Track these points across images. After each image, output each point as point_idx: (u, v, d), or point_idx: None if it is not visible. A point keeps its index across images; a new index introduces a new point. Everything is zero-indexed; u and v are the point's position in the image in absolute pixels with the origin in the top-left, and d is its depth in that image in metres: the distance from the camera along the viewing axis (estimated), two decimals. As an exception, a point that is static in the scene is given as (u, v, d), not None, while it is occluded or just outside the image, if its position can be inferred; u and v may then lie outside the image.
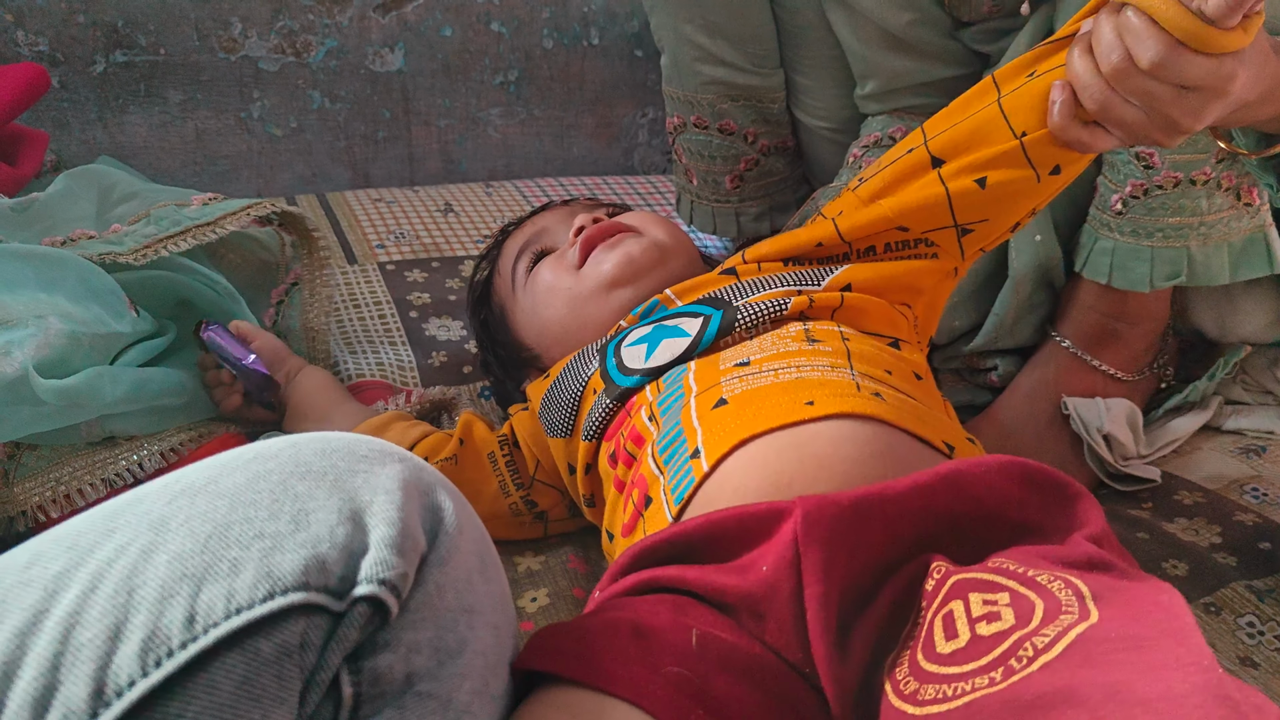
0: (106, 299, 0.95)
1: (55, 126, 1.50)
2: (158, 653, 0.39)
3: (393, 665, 0.43)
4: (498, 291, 1.06)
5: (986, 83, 0.80)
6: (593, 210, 1.04)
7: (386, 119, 1.70)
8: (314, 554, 0.41)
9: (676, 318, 0.83)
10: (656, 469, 0.70)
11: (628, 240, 0.94)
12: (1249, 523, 0.98)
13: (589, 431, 0.81)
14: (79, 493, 0.92)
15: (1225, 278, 1.01)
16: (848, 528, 0.54)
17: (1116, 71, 0.68)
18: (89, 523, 0.44)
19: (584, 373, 0.85)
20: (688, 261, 0.97)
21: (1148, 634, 0.44)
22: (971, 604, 0.49)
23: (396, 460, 0.46)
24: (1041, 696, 0.42)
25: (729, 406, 0.68)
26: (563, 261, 0.96)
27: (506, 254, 1.05)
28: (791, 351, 0.73)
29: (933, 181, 0.81)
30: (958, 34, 1.14)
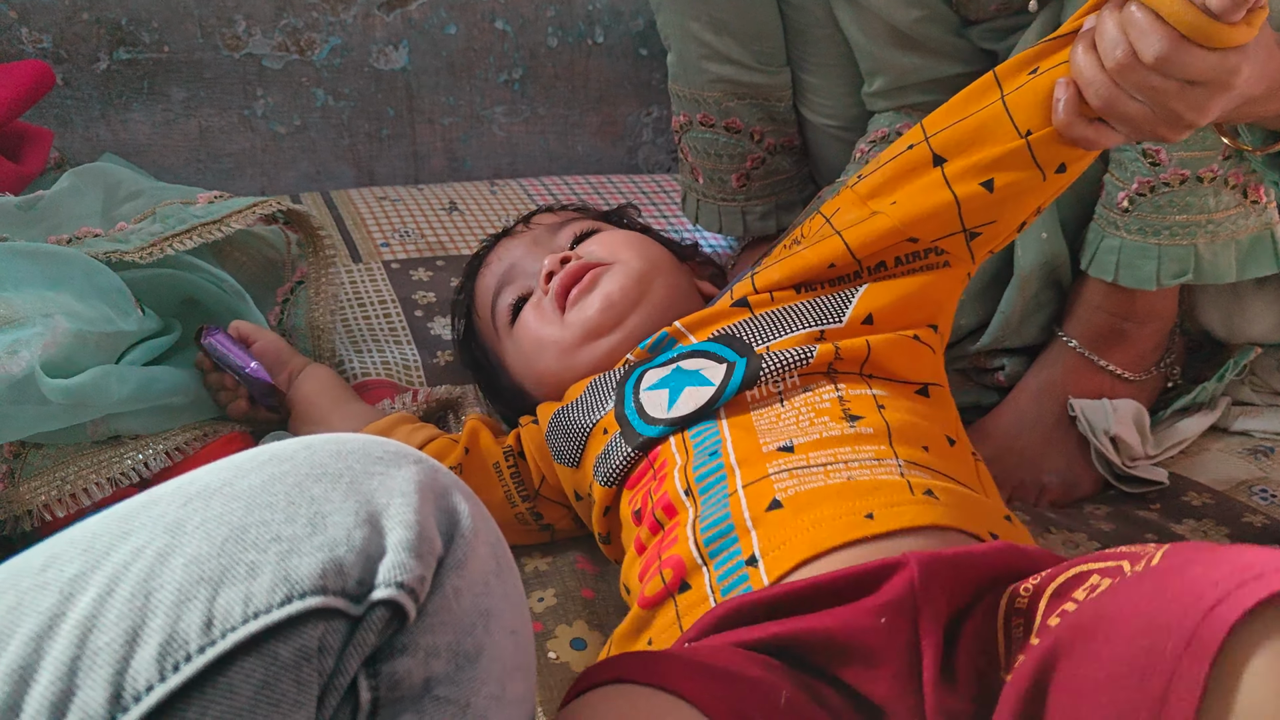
0: (112, 297, 0.95)
1: (59, 124, 1.49)
2: (175, 657, 0.39)
3: (411, 669, 0.42)
4: (482, 335, 1.05)
5: (988, 79, 0.79)
6: (560, 234, 1.01)
7: (391, 117, 1.70)
8: (331, 557, 0.41)
9: (694, 358, 0.81)
10: (699, 558, 0.68)
11: (603, 279, 0.92)
12: (1258, 524, 0.98)
13: (609, 478, 0.79)
14: (85, 491, 0.91)
15: (1232, 276, 1.01)
16: (950, 581, 0.59)
17: (1120, 67, 0.68)
18: (104, 525, 0.44)
19: (597, 409, 0.84)
20: (669, 280, 0.95)
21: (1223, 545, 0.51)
22: (1076, 597, 0.54)
23: (412, 462, 0.46)
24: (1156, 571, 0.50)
25: (785, 511, 0.67)
26: (542, 309, 0.94)
27: (482, 295, 1.04)
28: (834, 438, 0.72)
29: (939, 185, 0.79)
30: (965, 31, 1.13)
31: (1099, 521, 1.00)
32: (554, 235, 1.01)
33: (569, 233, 1.01)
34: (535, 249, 1.00)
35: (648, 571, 0.72)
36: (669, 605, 0.69)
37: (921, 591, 0.58)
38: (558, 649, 0.82)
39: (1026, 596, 0.58)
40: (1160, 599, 0.48)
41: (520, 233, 1.04)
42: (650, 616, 0.70)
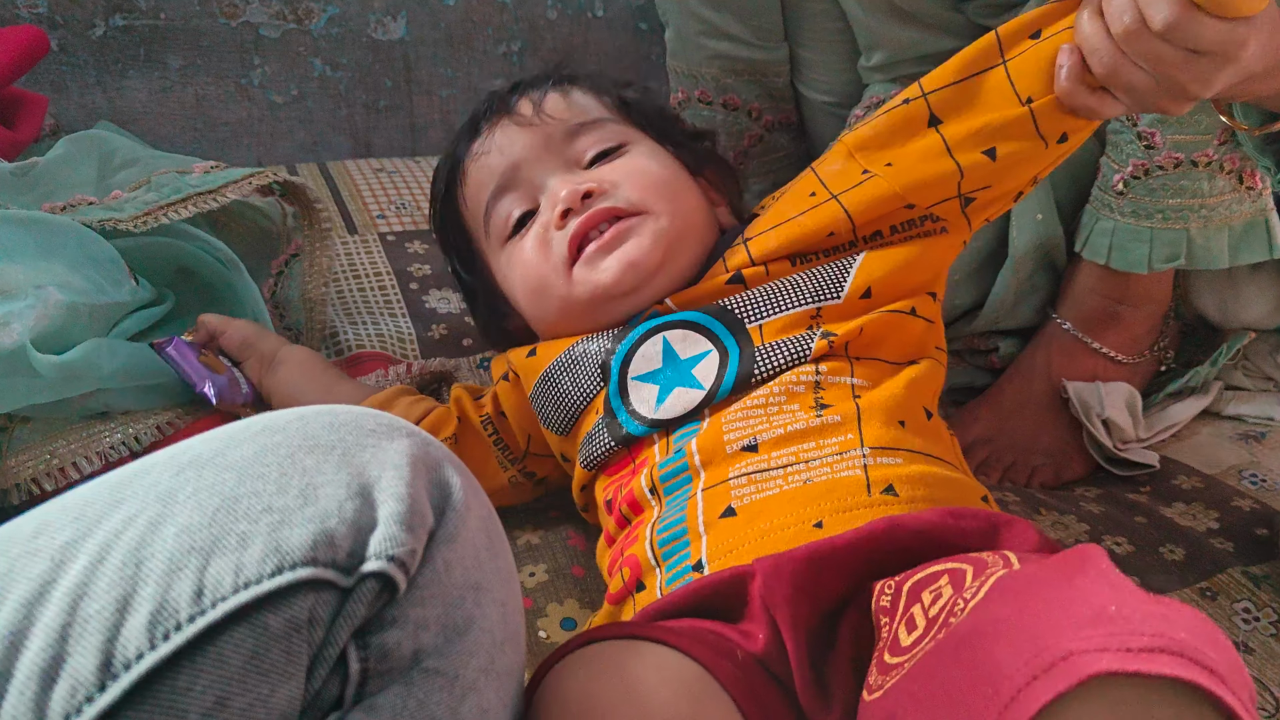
0: (106, 267, 0.94)
1: (54, 90, 1.48)
2: (166, 626, 0.39)
3: (400, 642, 0.43)
4: (466, 223, 0.93)
5: (989, 41, 0.77)
6: (577, 141, 0.87)
7: (388, 88, 1.69)
8: (322, 529, 0.41)
9: (683, 330, 0.78)
10: (653, 558, 0.69)
11: (630, 239, 0.81)
12: (1246, 508, 0.99)
13: (589, 462, 0.79)
14: (74, 466, 0.91)
15: (1225, 261, 1.01)
16: (806, 581, 0.59)
17: (1128, 33, 0.67)
18: (96, 493, 0.44)
19: (586, 385, 0.81)
20: (697, 236, 0.85)
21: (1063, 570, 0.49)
22: (923, 599, 0.53)
23: (405, 435, 0.46)
24: (970, 633, 0.47)
25: (737, 519, 0.67)
26: (549, 250, 0.83)
27: (473, 189, 0.90)
28: (799, 432, 0.70)
29: (940, 153, 0.77)
30: (962, 7, 1.13)
31: (1089, 504, 1.01)
32: (571, 142, 0.87)
33: (590, 144, 0.87)
34: (547, 155, 0.86)
35: (613, 566, 0.73)
36: (629, 603, 0.70)
37: (767, 596, 0.59)
38: (548, 628, 0.82)
39: (889, 594, 0.57)
40: (968, 683, 0.45)
41: (528, 121, 0.88)
42: (617, 612, 0.71)
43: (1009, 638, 0.45)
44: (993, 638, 0.46)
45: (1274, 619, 0.84)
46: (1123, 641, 0.41)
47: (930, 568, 0.56)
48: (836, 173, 0.81)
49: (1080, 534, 0.96)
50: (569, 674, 0.53)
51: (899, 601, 0.56)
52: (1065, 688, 0.41)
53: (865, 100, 1.20)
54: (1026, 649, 0.43)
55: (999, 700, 0.42)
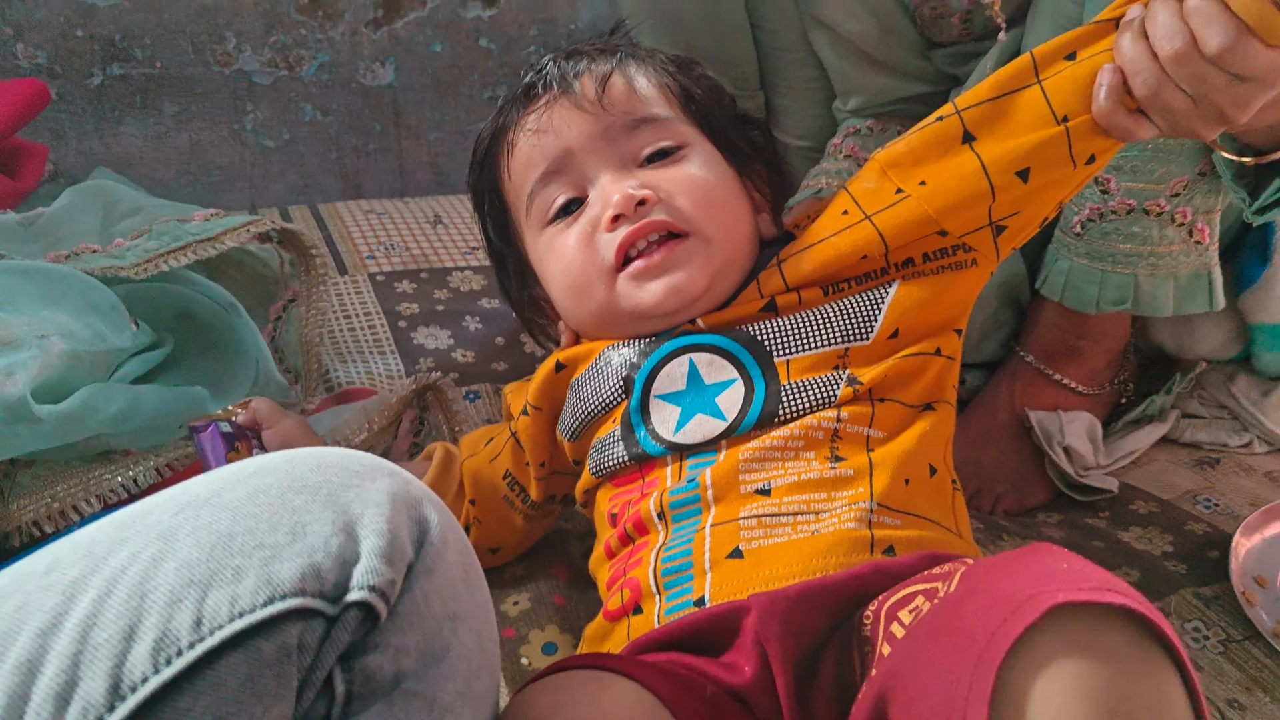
0: (107, 314, 0.98)
1: (53, 137, 1.53)
2: (168, 652, 0.43)
3: (382, 665, 0.47)
4: (508, 193, 0.89)
5: (1025, 61, 0.76)
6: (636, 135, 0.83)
7: (377, 132, 1.74)
8: (310, 562, 0.46)
9: (711, 354, 0.78)
10: (655, 585, 0.70)
11: (678, 263, 0.79)
12: (1200, 532, 1.02)
13: (598, 470, 0.80)
14: (74, 509, 0.93)
15: (1168, 310, 1.04)
16: (797, 618, 0.62)
17: (1177, 56, 0.67)
18: (103, 531, 0.48)
19: (608, 397, 0.80)
20: (741, 267, 0.83)
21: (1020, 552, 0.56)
22: (901, 617, 0.58)
23: (386, 475, 0.51)
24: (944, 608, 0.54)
25: (744, 562, 0.68)
26: (594, 250, 0.81)
27: (520, 163, 0.86)
28: (811, 481, 0.71)
29: (975, 172, 0.76)
30: (929, 55, 1.18)
31: (1050, 529, 1.04)
32: (629, 135, 0.83)
33: (645, 140, 0.83)
34: (602, 146, 0.82)
35: (614, 583, 0.75)
36: (624, 623, 0.72)
37: (761, 631, 0.62)
38: (530, 654, 0.85)
39: (869, 622, 0.61)
40: (946, 643, 0.51)
41: (589, 107, 0.83)
42: (611, 628, 0.73)
43: (978, 599, 0.51)
44: (964, 603, 0.52)
45: (1223, 638, 0.88)
46: (1076, 584, 0.49)
47: (904, 589, 0.60)
48: (869, 191, 0.80)
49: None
50: (535, 697, 0.57)
51: (878, 624, 0.59)
52: (1032, 619, 0.47)
53: (842, 131, 1.25)
54: (995, 602, 0.50)
55: (976, 646, 0.49)
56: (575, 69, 0.85)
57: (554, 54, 0.89)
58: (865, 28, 1.17)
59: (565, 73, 0.85)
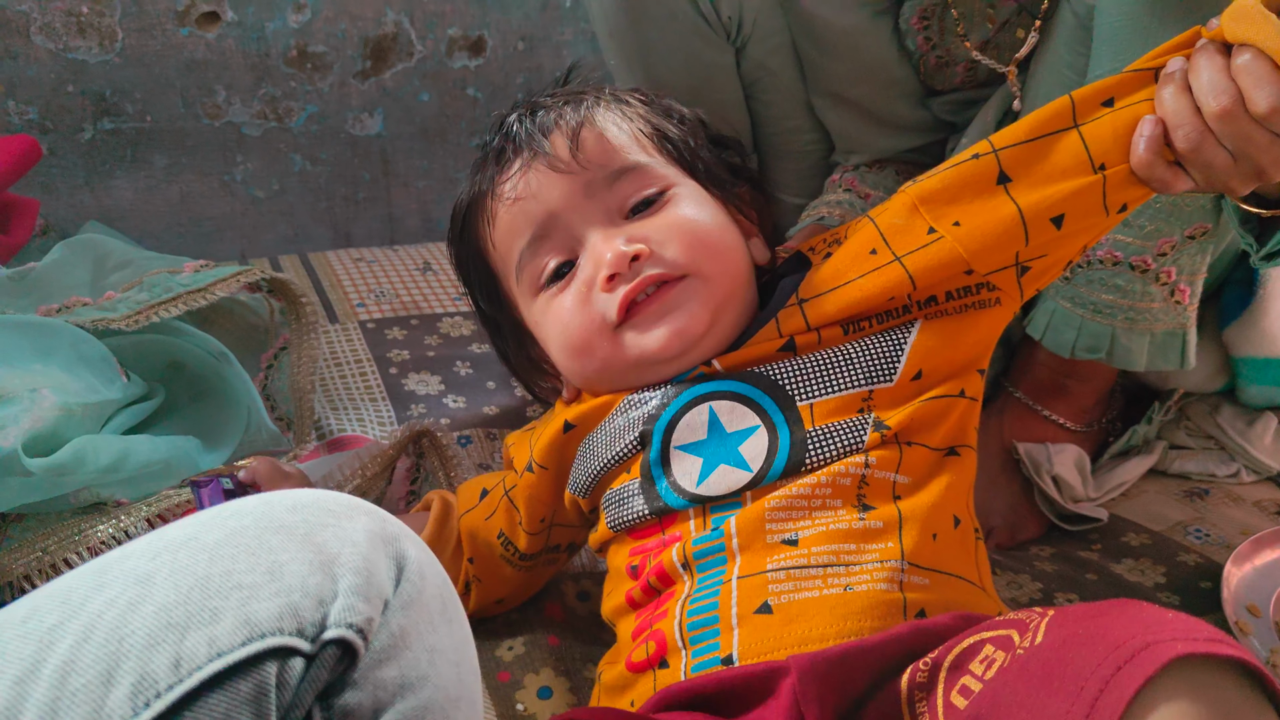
0: (98, 366, 0.98)
1: (44, 191, 1.54)
2: (147, 695, 0.43)
3: (361, 702, 0.47)
4: (494, 264, 0.88)
5: (1064, 105, 0.75)
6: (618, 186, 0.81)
7: (366, 181, 1.75)
8: (288, 602, 0.46)
9: (731, 402, 0.76)
10: (680, 640, 0.69)
11: (679, 310, 0.77)
12: (1192, 563, 1.02)
13: (616, 524, 0.78)
14: (65, 562, 0.93)
15: (1141, 365, 1.04)
16: (837, 680, 0.61)
17: (1223, 113, 0.67)
18: (80, 579, 0.48)
19: (623, 450, 0.78)
20: (742, 302, 0.81)
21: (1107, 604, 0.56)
22: (974, 669, 0.57)
23: (363, 513, 0.51)
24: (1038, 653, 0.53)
25: (773, 618, 0.66)
26: (592, 311, 0.79)
27: (504, 234, 0.84)
28: (840, 532, 0.69)
29: (1012, 217, 0.75)
30: (927, 103, 1.20)
31: (1042, 563, 1.04)
32: (610, 189, 0.81)
33: (630, 190, 0.81)
34: (587, 204, 0.80)
35: (639, 635, 0.73)
36: (649, 676, 0.71)
37: (802, 694, 0.61)
38: (525, 700, 0.85)
39: (926, 670, 0.60)
40: (1047, 689, 0.51)
41: (564, 167, 0.81)
42: (635, 680, 0.72)
43: (1081, 645, 0.51)
44: (1063, 650, 0.52)
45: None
46: (1189, 634, 0.49)
47: (968, 639, 0.59)
48: (900, 228, 0.78)
49: (1034, 592, 0.99)
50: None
51: (938, 675, 0.59)
52: (1153, 671, 0.47)
53: (840, 169, 1.26)
54: (1103, 649, 0.49)
55: (1088, 693, 0.48)
56: (544, 126, 0.83)
57: (517, 109, 0.87)
58: (869, 90, 1.19)
59: (533, 132, 0.83)
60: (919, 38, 1.14)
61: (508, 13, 1.73)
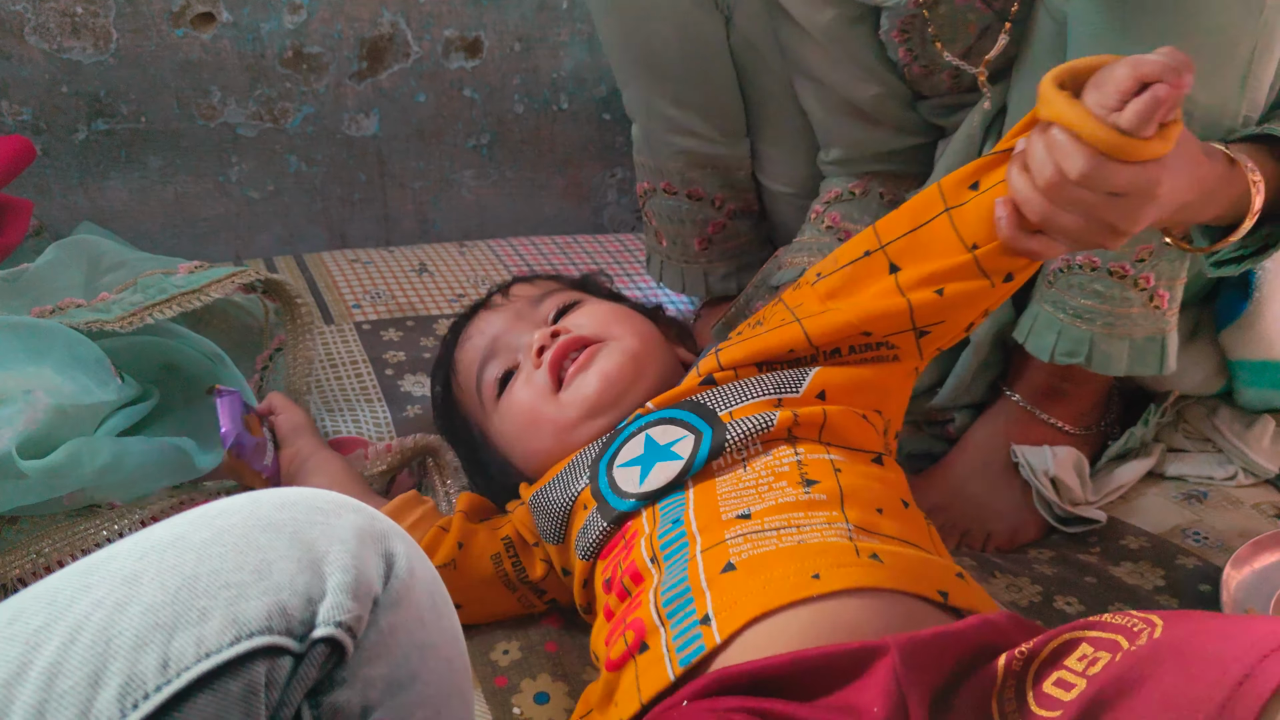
0: (92, 368, 0.98)
1: (37, 192, 1.54)
2: (135, 696, 0.42)
3: (350, 700, 0.46)
4: (465, 407, 1.04)
5: (933, 192, 0.83)
6: (541, 306, 1.00)
7: (362, 182, 1.75)
8: (276, 600, 0.45)
9: (663, 425, 0.84)
10: (658, 619, 0.71)
11: (599, 357, 0.92)
12: (1190, 566, 1.02)
13: (585, 551, 0.82)
14: (58, 564, 0.92)
15: (1120, 370, 1.04)
16: (932, 661, 0.62)
17: (1050, 184, 0.73)
18: (65, 580, 0.48)
19: (573, 487, 0.86)
20: (660, 355, 0.96)
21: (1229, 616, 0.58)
22: (1070, 665, 0.59)
23: (352, 511, 0.51)
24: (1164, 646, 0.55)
25: (737, 573, 0.70)
26: (534, 386, 0.93)
27: (464, 371, 1.02)
28: (789, 504, 0.75)
29: (893, 291, 0.84)
30: (917, 106, 1.19)
31: (1041, 566, 1.04)
32: (535, 308, 1.00)
33: (551, 305, 1.00)
34: (519, 323, 1.00)
35: (613, 635, 0.75)
36: (630, 666, 0.71)
37: (904, 675, 0.61)
38: (522, 704, 0.84)
39: (1020, 661, 0.62)
40: (1183, 673, 0.52)
41: (499, 305, 1.04)
42: (616, 680, 0.72)
43: (1217, 637, 0.53)
44: (1196, 640, 0.53)
45: (1215, 671, 0.87)
46: None
47: (1064, 635, 0.61)
48: (803, 307, 0.88)
49: (1034, 595, 0.99)
50: None
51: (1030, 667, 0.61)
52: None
53: (824, 195, 1.26)
54: (1243, 640, 0.51)
55: (1231, 675, 0.50)
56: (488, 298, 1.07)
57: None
58: (848, 78, 1.18)
59: (481, 303, 1.07)
60: (900, 49, 1.14)
61: (504, 14, 1.73)
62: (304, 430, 1.08)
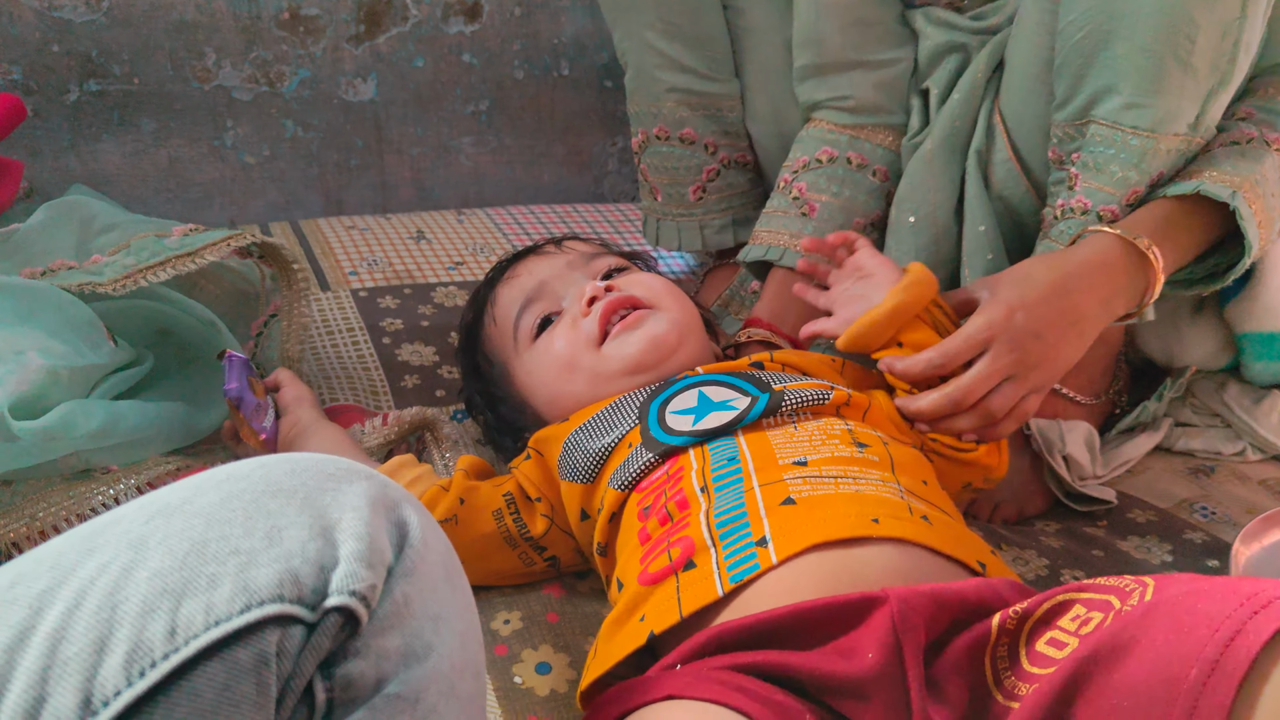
0: (84, 330, 0.96)
1: (28, 154, 1.51)
2: (141, 664, 0.41)
3: (364, 671, 0.45)
4: (493, 342, 1.04)
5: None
6: (594, 263, 1.02)
7: (359, 147, 1.72)
8: (287, 568, 0.44)
9: (718, 386, 0.87)
10: (709, 539, 0.72)
11: (649, 321, 0.94)
12: (1198, 540, 1.01)
13: (622, 482, 0.83)
14: (54, 529, 0.92)
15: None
16: (929, 615, 0.63)
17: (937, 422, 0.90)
18: (69, 543, 0.46)
19: (621, 427, 0.87)
20: (699, 339, 0.98)
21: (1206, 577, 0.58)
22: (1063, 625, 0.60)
23: (363, 478, 0.49)
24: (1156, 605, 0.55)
25: (798, 508, 0.72)
26: (578, 333, 0.95)
27: (503, 306, 1.02)
28: (844, 458, 0.78)
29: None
30: (907, 17, 1.20)
31: (1048, 538, 1.03)
32: (587, 264, 1.02)
33: (603, 264, 1.02)
34: (569, 272, 1.01)
35: (653, 553, 0.75)
36: (670, 581, 0.72)
37: (901, 625, 0.62)
38: (523, 673, 0.83)
39: (1014, 620, 0.62)
40: (1175, 630, 0.52)
41: (551, 253, 1.05)
42: (648, 593, 0.73)
43: (1208, 597, 0.53)
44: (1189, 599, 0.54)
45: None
46: None
47: (1058, 596, 0.62)
48: None
49: (1040, 568, 0.98)
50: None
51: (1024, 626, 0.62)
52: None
53: (793, 163, 1.23)
54: (1234, 598, 0.52)
55: (1223, 633, 0.50)
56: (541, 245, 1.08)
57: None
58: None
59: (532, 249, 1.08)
60: None
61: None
62: (306, 403, 1.07)
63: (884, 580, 0.67)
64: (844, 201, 1.18)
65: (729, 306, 1.32)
